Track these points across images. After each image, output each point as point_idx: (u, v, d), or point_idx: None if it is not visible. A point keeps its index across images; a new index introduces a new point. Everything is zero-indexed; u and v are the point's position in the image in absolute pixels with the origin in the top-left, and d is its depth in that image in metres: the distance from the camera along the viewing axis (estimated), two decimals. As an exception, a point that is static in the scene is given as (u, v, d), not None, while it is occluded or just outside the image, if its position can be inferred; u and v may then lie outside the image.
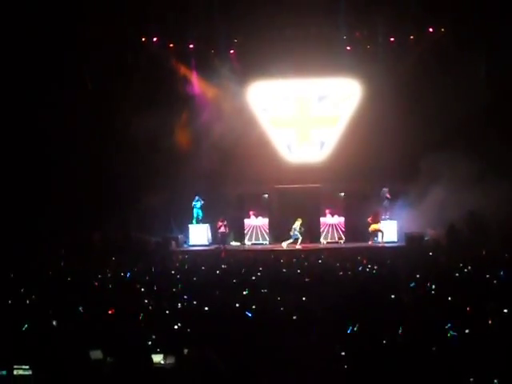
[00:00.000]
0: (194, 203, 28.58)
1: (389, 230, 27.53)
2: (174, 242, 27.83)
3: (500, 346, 8.31)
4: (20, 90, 25.97)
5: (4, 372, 7.59)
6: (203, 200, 28.54)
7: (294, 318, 10.57)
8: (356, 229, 28.42)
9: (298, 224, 27.51)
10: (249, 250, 26.80)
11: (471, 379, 7.46)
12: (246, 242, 29.04)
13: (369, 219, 27.38)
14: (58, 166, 26.94)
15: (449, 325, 9.25)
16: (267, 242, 28.96)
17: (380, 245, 27.02)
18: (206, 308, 11.43)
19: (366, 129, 28.14)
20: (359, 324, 9.54)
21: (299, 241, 27.41)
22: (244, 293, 13.15)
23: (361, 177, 27.86)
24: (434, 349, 8.37)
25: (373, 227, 27.43)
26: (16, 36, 25.14)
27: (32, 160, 26.59)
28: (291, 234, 27.53)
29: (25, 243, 23.63)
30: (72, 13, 25.87)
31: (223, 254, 24.49)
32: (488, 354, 8.08)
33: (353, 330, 9.45)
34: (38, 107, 26.36)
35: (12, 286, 14.98)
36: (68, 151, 27.14)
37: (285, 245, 27.32)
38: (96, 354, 8.02)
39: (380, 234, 27.40)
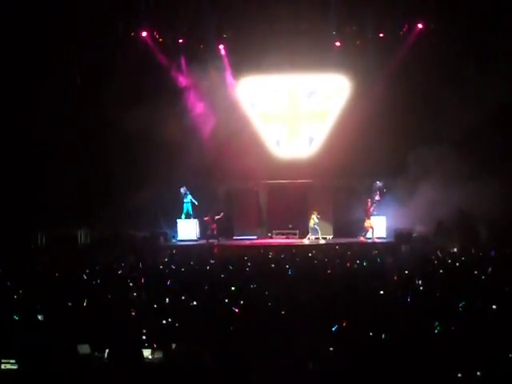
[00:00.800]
0: (183, 196, 28.45)
1: (378, 226, 27.52)
2: (162, 237, 27.79)
3: (489, 342, 8.33)
4: (8, 86, 25.82)
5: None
6: (186, 193, 28.40)
7: (283, 313, 10.57)
8: (345, 224, 28.40)
9: (314, 217, 27.51)
10: (238, 245, 26.77)
11: (459, 375, 7.47)
12: (235, 237, 29.03)
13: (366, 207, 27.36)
14: (45, 162, 26.81)
15: (436, 322, 9.27)
16: (256, 237, 28.96)
17: (370, 241, 26.97)
18: (195, 303, 11.42)
19: (355, 124, 28.13)
20: (347, 320, 9.54)
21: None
22: (232, 288, 13.15)
23: (350, 173, 27.90)
24: (421, 344, 8.38)
25: (367, 222, 27.38)
26: (3, 32, 24.99)
27: (20, 156, 26.46)
28: (315, 227, 27.52)
29: (13, 239, 23.56)
30: (61, 7, 25.74)
31: (216, 250, 24.48)
32: (476, 349, 8.09)
33: (340, 326, 9.45)
34: (25, 103, 26.23)
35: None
36: (56, 147, 26.99)
37: (322, 240, 27.27)
38: (84, 349, 7.99)
39: (371, 230, 27.34)
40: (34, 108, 26.29)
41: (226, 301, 11.51)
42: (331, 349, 8.62)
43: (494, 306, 10.53)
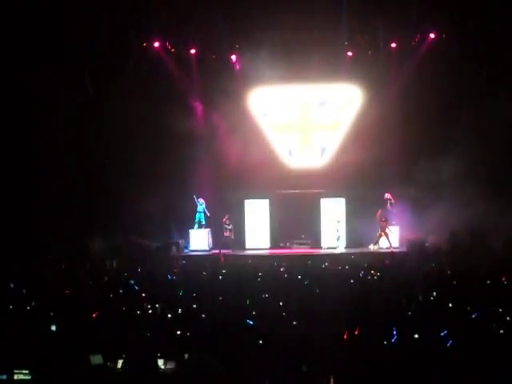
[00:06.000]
0: (198, 206, 28.44)
1: (391, 236, 27.39)
2: (174, 247, 27.77)
3: (502, 354, 8.28)
4: (19, 95, 25.91)
5: (4, 376, 7.58)
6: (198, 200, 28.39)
7: (295, 323, 10.56)
8: (357, 234, 28.29)
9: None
10: (249, 255, 26.70)
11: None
12: (247, 246, 28.94)
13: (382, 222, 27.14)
14: (57, 171, 26.86)
15: (445, 332, 9.24)
16: (268, 247, 28.89)
17: (388, 250, 26.73)
18: (207, 313, 11.43)
19: (367, 134, 28.12)
20: (359, 329, 9.53)
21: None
22: (245, 298, 13.15)
23: (362, 183, 27.81)
24: (432, 356, 8.36)
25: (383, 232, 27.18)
26: (16, 39, 25.12)
27: (31, 166, 26.52)
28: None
29: (25, 249, 23.59)
30: (73, 17, 25.89)
31: (222, 259, 24.46)
32: (489, 362, 8.05)
33: (353, 335, 9.45)
34: (36, 112, 26.32)
35: (13, 292, 14.97)
36: (68, 157, 27.05)
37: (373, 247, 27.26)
38: (96, 359, 8.00)
39: (386, 240, 27.15)
40: (43, 117, 26.35)
41: (238, 311, 11.52)
42: (343, 358, 8.62)
43: (507, 318, 10.51)
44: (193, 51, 29.12)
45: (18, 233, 24.97)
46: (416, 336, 9.37)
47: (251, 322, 10.47)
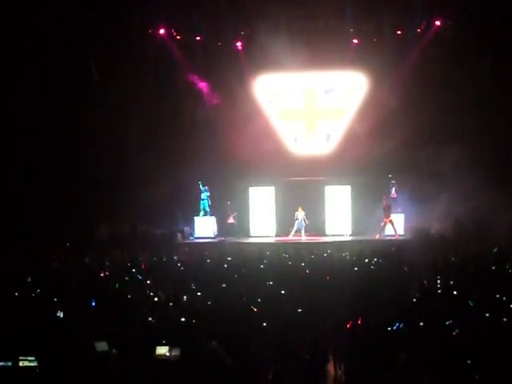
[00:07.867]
0: (202, 193, 28.44)
1: (396, 224, 27.37)
2: (179, 234, 27.80)
3: (505, 342, 8.30)
4: (25, 84, 25.91)
5: (10, 363, 7.63)
6: (204, 186, 28.36)
7: (299, 310, 10.59)
8: (361, 222, 28.28)
9: (302, 213, 27.63)
10: (254, 243, 26.73)
11: (476, 376, 7.46)
12: (252, 234, 28.96)
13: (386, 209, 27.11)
14: (63, 160, 26.89)
15: (451, 321, 9.26)
16: (273, 235, 28.92)
17: (393, 238, 26.71)
18: (212, 300, 11.47)
19: (372, 121, 28.06)
20: (363, 316, 9.57)
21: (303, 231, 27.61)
22: (250, 285, 13.18)
23: (367, 170, 27.74)
24: (438, 343, 8.39)
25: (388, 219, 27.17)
26: (21, 28, 25.12)
27: (37, 154, 26.55)
28: (297, 223, 27.65)
29: (31, 237, 23.65)
30: (78, 3, 25.84)
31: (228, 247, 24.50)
32: (495, 349, 8.07)
33: (356, 322, 9.48)
34: (43, 100, 26.32)
35: (18, 279, 15.02)
36: (73, 145, 27.10)
37: (291, 236, 27.42)
38: (101, 346, 8.05)
39: (391, 227, 27.13)
40: (49, 105, 26.35)
41: (244, 299, 11.55)
42: (347, 345, 8.65)
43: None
44: (198, 38, 29.09)
45: (24, 221, 25.05)
46: (421, 324, 9.39)
47: (255, 309, 10.52)
